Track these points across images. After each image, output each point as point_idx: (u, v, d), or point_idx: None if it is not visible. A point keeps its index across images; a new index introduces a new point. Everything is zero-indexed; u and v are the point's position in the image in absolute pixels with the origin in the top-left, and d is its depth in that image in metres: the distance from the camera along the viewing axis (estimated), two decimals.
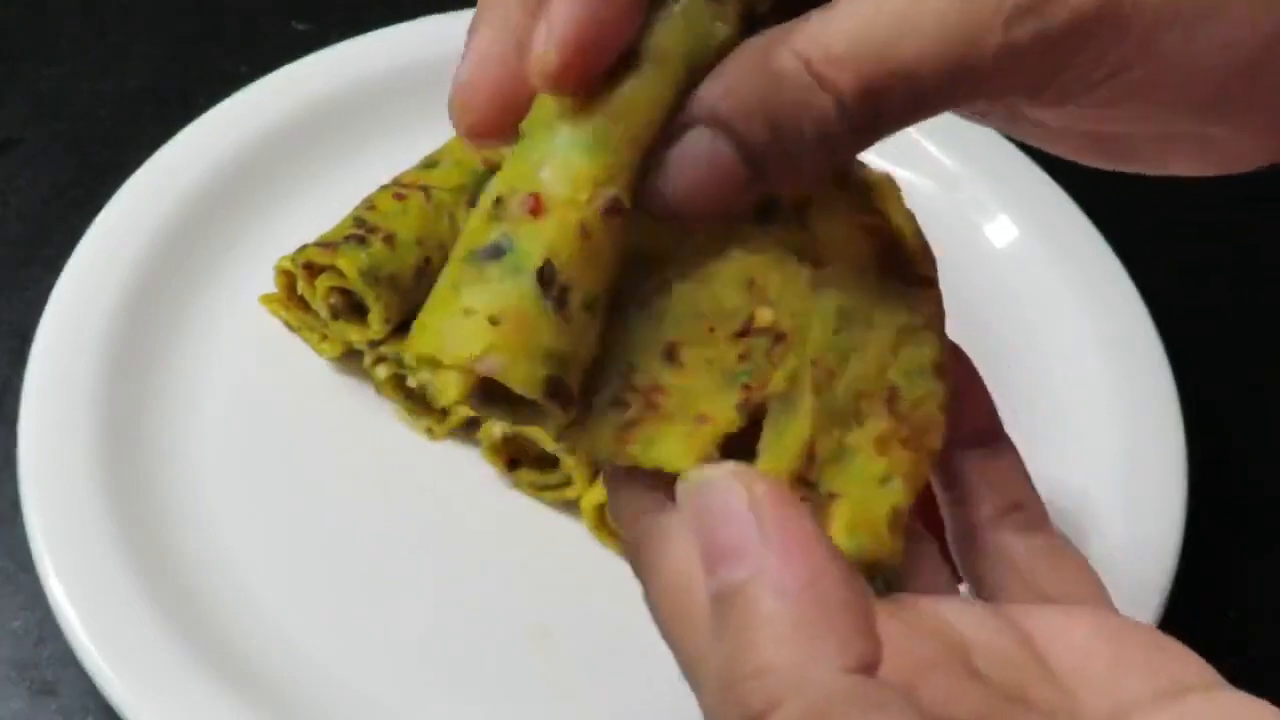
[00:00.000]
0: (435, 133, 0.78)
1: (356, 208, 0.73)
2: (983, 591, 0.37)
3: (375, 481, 0.70)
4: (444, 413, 0.71)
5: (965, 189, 0.79)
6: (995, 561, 0.37)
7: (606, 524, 0.67)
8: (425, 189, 0.74)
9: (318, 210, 0.75)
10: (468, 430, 0.71)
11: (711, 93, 0.33)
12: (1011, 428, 0.65)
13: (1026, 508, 0.38)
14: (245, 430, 0.71)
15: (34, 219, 0.81)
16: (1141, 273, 0.75)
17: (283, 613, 0.65)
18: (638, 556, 0.35)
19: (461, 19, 0.88)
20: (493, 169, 0.76)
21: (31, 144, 0.85)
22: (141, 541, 0.64)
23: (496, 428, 0.69)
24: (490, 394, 0.33)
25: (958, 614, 0.34)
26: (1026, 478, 0.39)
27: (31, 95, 0.87)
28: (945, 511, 0.39)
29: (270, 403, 0.72)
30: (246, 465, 0.70)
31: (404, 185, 0.74)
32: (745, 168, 0.33)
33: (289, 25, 0.91)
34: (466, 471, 0.71)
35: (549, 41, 0.34)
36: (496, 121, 0.36)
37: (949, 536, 0.38)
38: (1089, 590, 0.37)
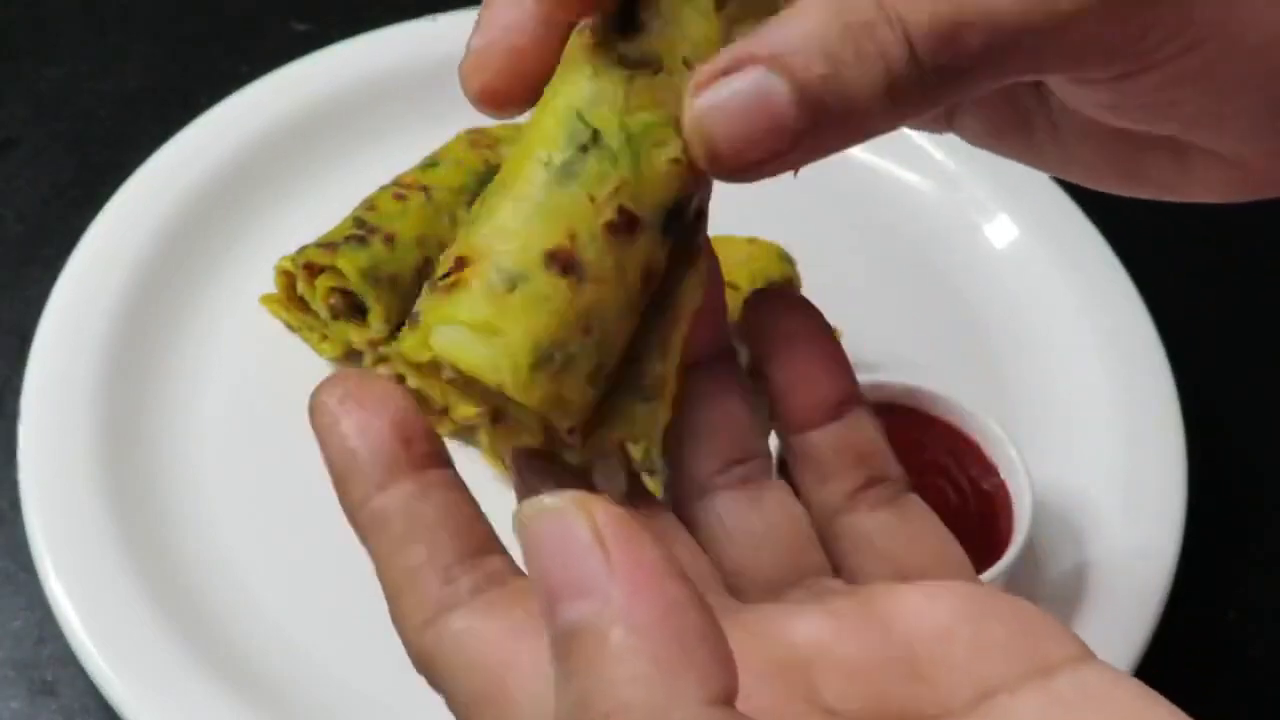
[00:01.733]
0: (435, 133, 0.79)
1: (356, 208, 0.73)
2: (844, 574, 0.35)
3: None
4: (444, 413, 0.71)
5: (965, 189, 0.79)
6: (853, 544, 0.35)
7: None
8: (425, 189, 0.74)
9: (318, 210, 0.75)
10: (468, 431, 0.71)
11: (774, 31, 0.30)
12: (1012, 428, 0.66)
13: (884, 479, 0.36)
14: (245, 430, 0.71)
15: (34, 219, 0.81)
16: (1141, 273, 0.75)
17: (283, 613, 0.65)
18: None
19: (461, 19, 0.89)
20: (493, 169, 0.76)
21: (31, 144, 0.85)
22: (141, 541, 0.65)
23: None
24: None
25: (809, 622, 0.32)
26: (883, 445, 0.36)
27: (31, 95, 0.87)
28: (801, 495, 0.36)
29: (270, 403, 0.72)
30: (246, 465, 0.70)
31: (404, 185, 0.74)
32: (799, 112, 0.30)
33: (289, 25, 0.91)
34: (466, 472, 0.69)
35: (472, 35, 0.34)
36: (507, 88, 0.35)
37: (811, 515, 0.36)
38: (951, 562, 0.36)
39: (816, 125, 0.30)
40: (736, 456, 0.35)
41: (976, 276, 0.77)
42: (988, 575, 0.60)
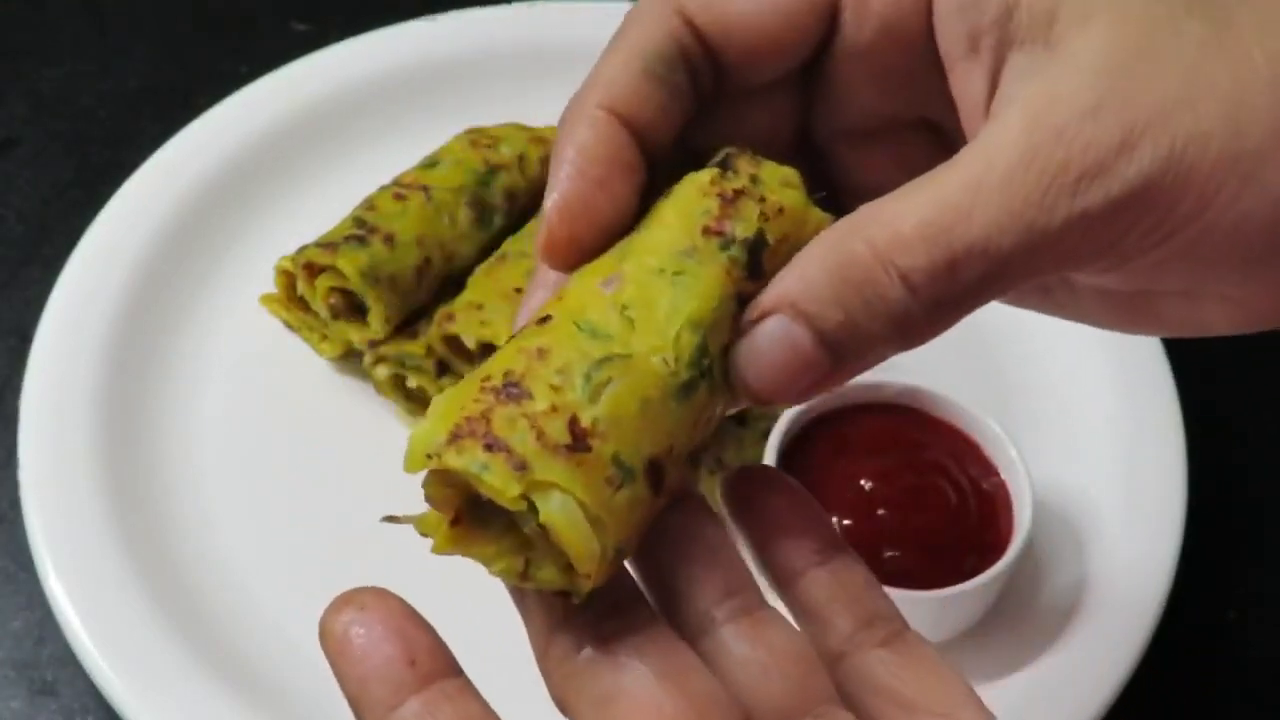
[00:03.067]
0: (435, 133, 0.79)
1: (356, 208, 0.73)
2: (857, 711, 0.36)
3: (375, 481, 0.70)
4: None
5: None
6: (859, 685, 0.36)
7: None
8: (425, 189, 0.74)
9: (318, 210, 0.75)
10: None
11: (787, 282, 0.34)
12: (1013, 429, 0.66)
13: (881, 617, 0.37)
14: (245, 430, 0.71)
15: (34, 219, 0.81)
16: None
17: (283, 613, 0.65)
18: None
19: (461, 20, 0.89)
20: (493, 168, 0.77)
21: (31, 144, 0.85)
22: (141, 541, 0.65)
23: None
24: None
25: None
26: (876, 586, 0.38)
27: (31, 95, 0.87)
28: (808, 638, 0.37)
29: (270, 403, 0.72)
30: (246, 465, 0.70)
31: (404, 185, 0.74)
32: (823, 353, 0.33)
33: (289, 25, 0.91)
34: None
35: (543, 221, 0.35)
36: (571, 260, 0.36)
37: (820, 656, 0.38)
38: (957, 694, 0.36)
39: (838, 361, 0.34)
40: (730, 589, 0.36)
41: None
42: (988, 575, 0.60)
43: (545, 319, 0.35)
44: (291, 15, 0.92)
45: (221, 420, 0.71)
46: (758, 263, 0.35)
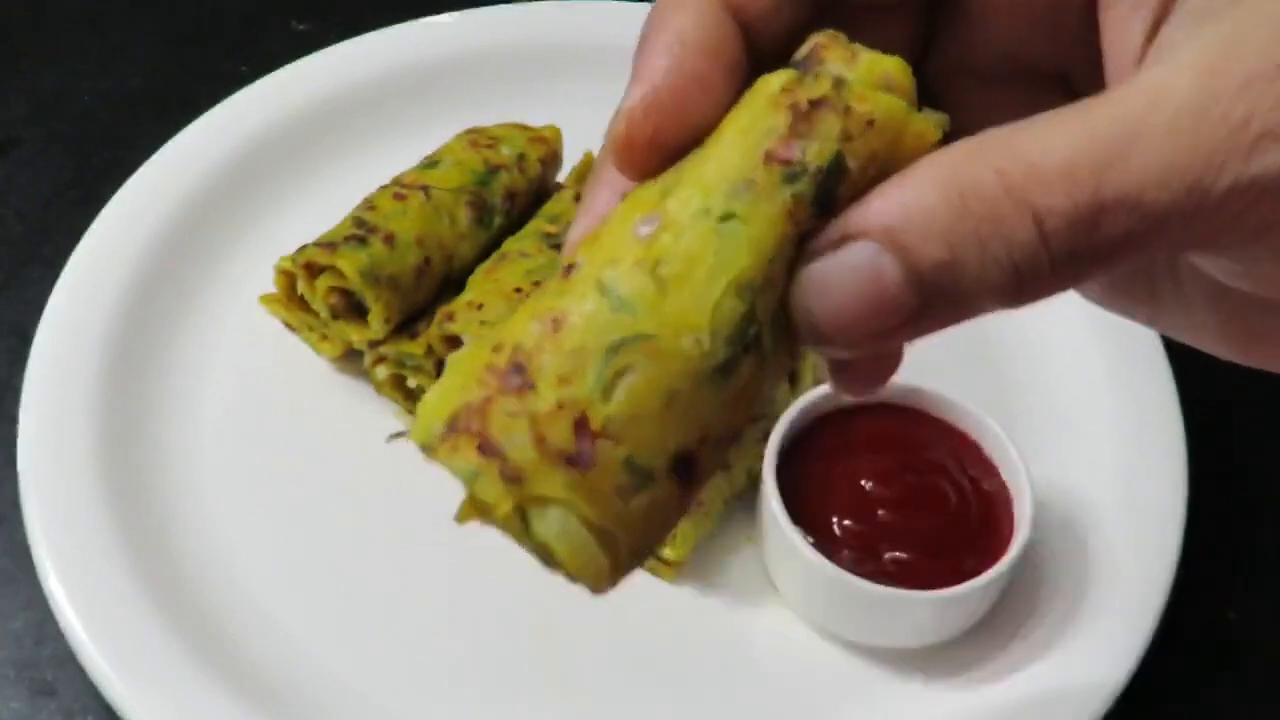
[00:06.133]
0: (435, 133, 0.79)
1: (356, 208, 0.73)
2: None
3: (375, 481, 0.70)
4: None
5: None
6: None
7: None
8: (425, 189, 0.74)
9: (318, 210, 0.75)
10: None
11: (884, 204, 0.28)
12: (1012, 428, 0.66)
13: None
14: (245, 430, 0.71)
15: (34, 219, 0.81)
16: None
17: (282, 612, 0.65)
18: None
19: (460, 20, 0.89)
20: (493, 168, 0.77)
21: (31, 144, 0.85)
22: (141, 541, 0.64)
23: None
24: None
25: None
26: None
27: (31, 95, 0.87)
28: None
29: (270, 403, 0.72)
30: (246, 465, 0.70)
31: (404, 185, 0.74)
32: (911, 294, 0.28)
33: (289, 25, 0.91)
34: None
35: (617, 113, 0.30)
36: (648, 162, 0.31)
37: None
38: None
39: (928, 307, 0.28)
40: None
41: None
42: (988, 576, 0.60)
43: (570, 268, 0.29)
44: (291, 15, 0.92)
45: (221, 420, 0.71)
46: (830, 197, 0.29)
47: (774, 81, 0.29)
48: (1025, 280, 0.28)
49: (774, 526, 0.62)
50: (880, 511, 0.62)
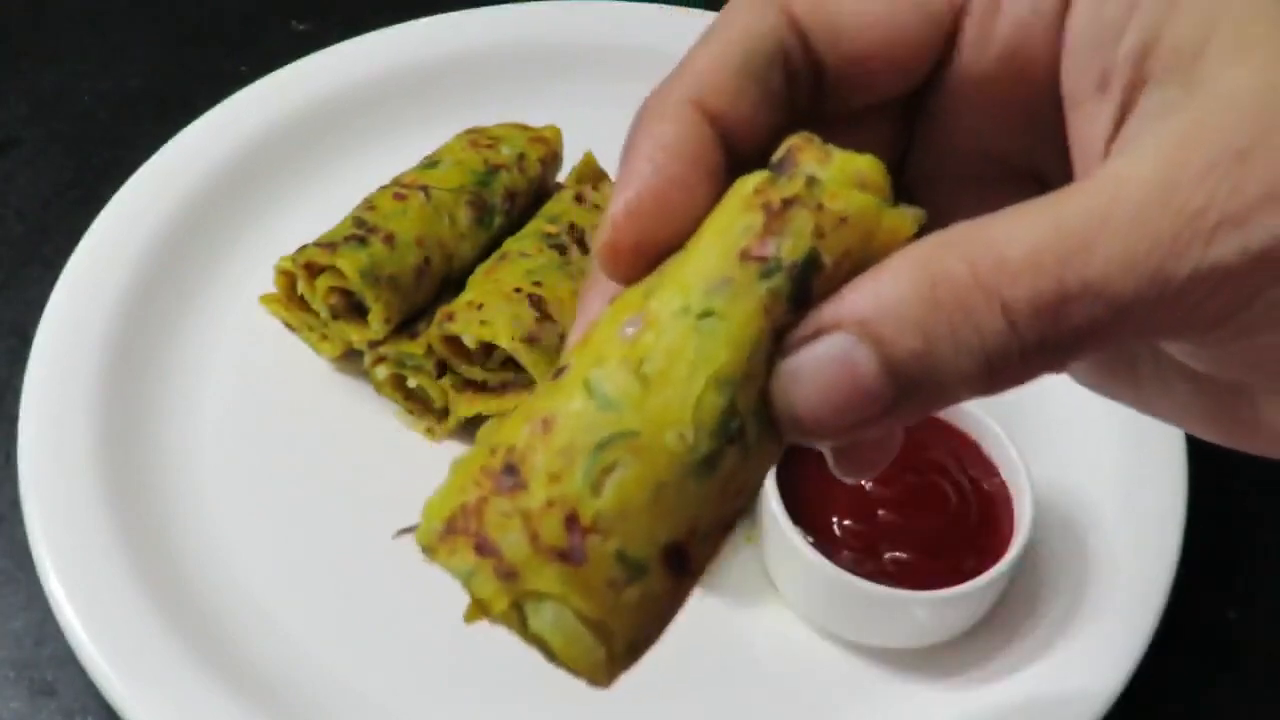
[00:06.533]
0: (435, 133, 0.79)
1: (356, 208, 0.73)
2: None
3: (374, 481, 0.70)
4: (444, 413, 0.71)
5: None
6: None
7: None
8: (425, 189, 0.74)
9: (318, 210, 0.75)
10: (468, 430, 0.71)
11: (857, 297, 0.29)
12: (1013, 429, 0.66)
13: None
14: (245, 430, 0.71)
15: (34, 219, 0.81)
16: None
17: (283, 613, 0.65)
18: None
19: (460, 20, 0.89)
20: (493, 168, 0.77)
21: (31, 144, 0.85)
22: (141, 541, 0.64)
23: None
24: None
25: None
26: None
27: (31, 95, 0.87)
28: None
29: (270, 403, 0.72)
30: (246, 465, 0.70)
31: (404, 185, 0.74)
32: (887, 384, 0.28)
33: (289, 25, 0.91)
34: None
35: (602, 220, 0.31)
36: (634, 266, 0.31)
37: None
38: None
39: (903, 397, 0.29)
40: None
41: None
42: (988, 575, 0.60)
43: (561, 370, 0.30)
44: (291, 15, 0.92)
45: (222, 420, 0.71)
46: (805, 291, 0.29)
47: (749, 183, 0.30)
48: (996, 369, 0.28)
49: (774, 526, 0.62)
50: (880, 511, 0.62)
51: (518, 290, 0.69)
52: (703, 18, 0.86)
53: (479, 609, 0.30)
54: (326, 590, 0.66)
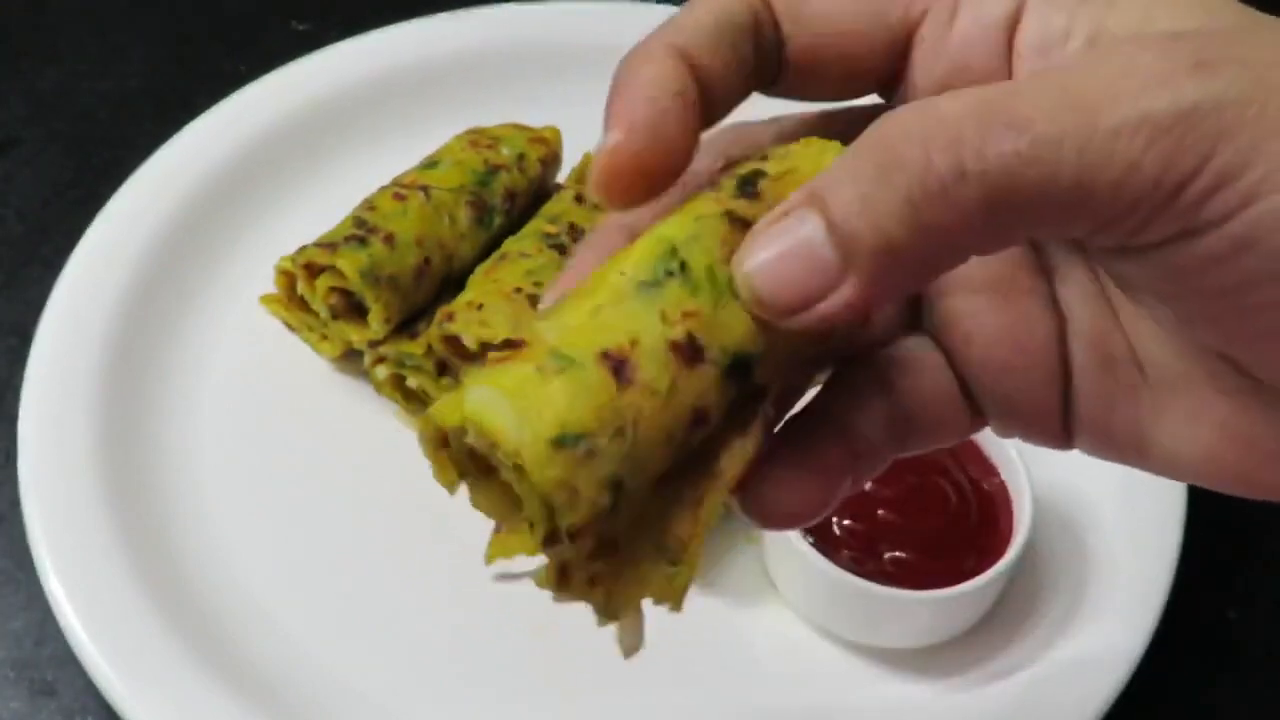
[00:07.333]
0: (435, 133, 0.79)
1: (356, 208, 0.73)
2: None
3: (374, 481, 0.70)
4: None
5: None
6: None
7: None
8: (425, 189, 0.74)
9: (318, 210, 0.75)
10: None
11: (816, 178, 0.30)
12: None
13: None
14: (245, 430, 0.71)
15: (34, 219, 0.81)
16: None
17: (283, 613, 0.65)
18: None
19: (461, 19, 0.89)
20: (493, 168, 0.76)
21: (31, 144, 0.85)
22: (141, 541, 0.64)
23: None
24: None
25: None
26: None
27: (31, 95, 0.87)
28: None
29: (270, 403, 0.72)
30: (246, 465, 0.70)
31: (404, 185, 0.74)
32: (833, 247, 0.29)
33: (289, 25, 0.91)
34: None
35: (599, 152, 0.32)
36: (632, 191, 0.33)
37: None
38: None
39: (850, 258, 0.29)
40: None
41: None
42: (988, 575, 0.60)
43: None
44: (291, 15, 0.92)
45: (222, 420, 0.71)
46: (752, 186, 0.32)
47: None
48: (921, 209, 0.28)
49: None
50: (880, 511, 0.62)
51: (518, 290, 0.69)
52: None
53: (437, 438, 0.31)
54: (326, 590, 0.66)
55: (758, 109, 0.36)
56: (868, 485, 0.62)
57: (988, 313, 0.35)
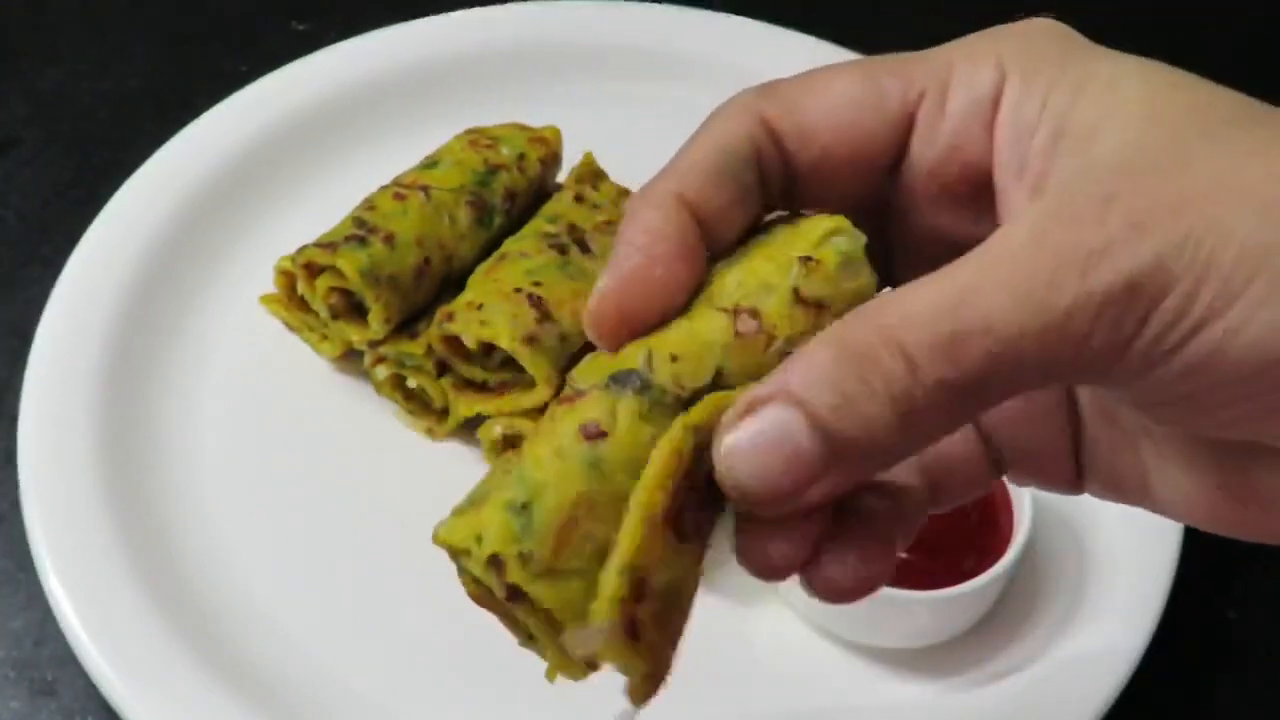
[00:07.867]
0: (435, 133, 0.79)
1: (356, 208, 0.73)
2: None
3: (375, 481, 0.70)
4: (444, 413, 0.71)
5: None
6: None
7: None
8: (425, 189, 0.74)
9: (318, 210, 0.75)
10: (468, 430, 0.71)
11: (785, 372, 0.32)
12: None
13: None
14: (245, 430, 0.71)
15: (34, 219, 0.81)
16: None
17: (283, 612, 0.65)
18: None
19: (461, 20, 0.89)
20: (493, 168, 0.77)
21: (31, 144, 0.85)
22: (141, 541, 0.65)
23: (496, 427, 0.69)
24: None
25: None
26: None
27: (31, 95, 0.87)
28: None
29: (270, 403, 0.72)
30: (246, 465, 0.70)
31: (404, 185, 0.74)
32: (817, 443, 0.31)
33: (289, 25, 0.91)
34: (467, 471, 0.70)
35: (594, 292, 0.34)
36: (617, 334, 0.35)
37: None
38: None
39: (836, 455, 0.31)
40: None
41: None
42: (988, 575, 0.60)
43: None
44: (291, 15, 0.92)
45: (222, 420, 0.71)
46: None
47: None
48: (904, 411, 0.31)
49: None
50: None
51: (518, 290, 0.69)
52: (704, 16, 0.86)
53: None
54: (326, 590, 0.66)
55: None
56: None
57: None
